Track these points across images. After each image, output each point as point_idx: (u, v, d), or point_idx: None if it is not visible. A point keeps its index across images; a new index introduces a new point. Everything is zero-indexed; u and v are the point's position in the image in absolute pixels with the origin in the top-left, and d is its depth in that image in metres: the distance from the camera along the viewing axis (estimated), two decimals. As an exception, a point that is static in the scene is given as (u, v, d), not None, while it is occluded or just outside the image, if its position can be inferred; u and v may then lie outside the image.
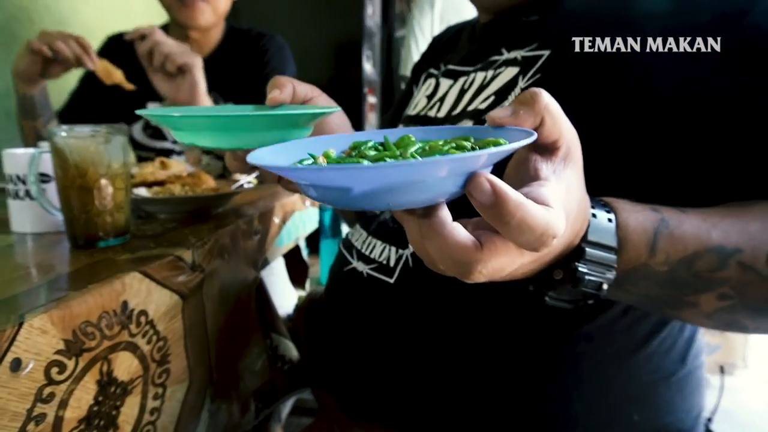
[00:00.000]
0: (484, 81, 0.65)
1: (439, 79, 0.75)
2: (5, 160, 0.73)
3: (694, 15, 0.52)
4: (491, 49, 0.68)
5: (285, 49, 1.43)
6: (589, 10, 0.59)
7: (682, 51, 0.51)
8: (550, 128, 0.35)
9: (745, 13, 0.49)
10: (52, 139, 0.64)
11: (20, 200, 0.73)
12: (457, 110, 0.67)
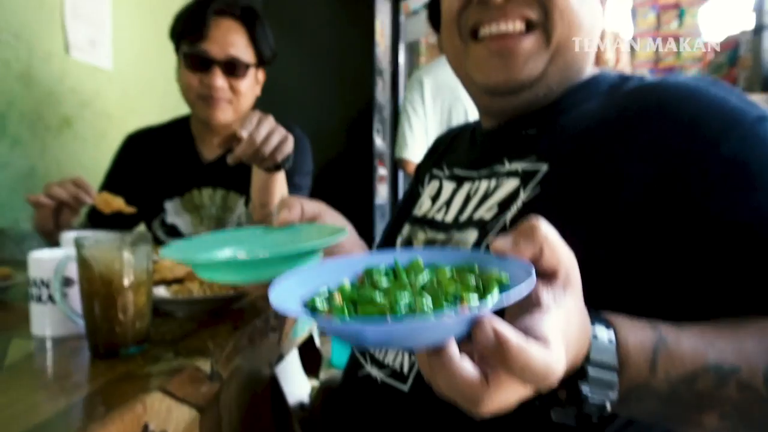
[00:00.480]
0: (488, 190, 0.67)
1: (443, 181, 0.78)
2: (31, 264, 0.74)
3: (674, 139, 0.54)
4: (494, 158, 0.70)
5: (303, 141, 1.44)
6: (583, 127, 0.62)
7: (665, 172, 0.53)
8: (549, 258, 0.38)
9: (718, 144, 0.52)
10: (79, 250, 0.65)
11: (42, 304, 0.73)
12: (464, 216, 0.69)
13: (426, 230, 0.74)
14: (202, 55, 1.27)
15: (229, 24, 1.29)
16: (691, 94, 0.56)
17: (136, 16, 2.21)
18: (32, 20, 1.67)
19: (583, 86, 0.69)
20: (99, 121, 2.00)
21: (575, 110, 0.66)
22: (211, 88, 1.27)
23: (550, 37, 0.65)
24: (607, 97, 0.65)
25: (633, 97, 0.61)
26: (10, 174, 1.61)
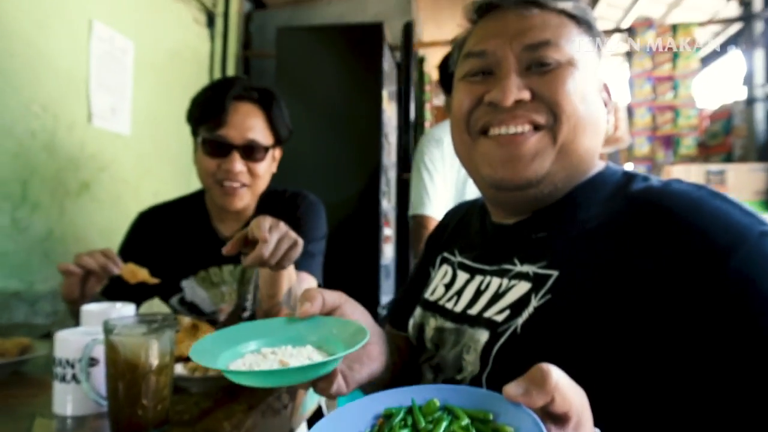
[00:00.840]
0: (499, 289, 0.69)
1: (456, 270, 0.80)
2: (57, 343, 0.77)
3: (683, 247, 0.55)
4: (505, 256, 0.72)
5: (317, 206, 1.46)
6: (592, 232, 0.64)
7: (674, 281, 0.54)
8: (560, 404, 0.41)
9: (727, 258, 0.53)
10: (107, 334, 0.68)
11: (66, 384, 0.76)
12: (474, 311, 0.70)
13: (437, 317, 0.76)
14: (220, 141, 1.28)
15: (248, 108, 1.32)
16: (696, 203, 0.58)
17: (153, 85, 2.32)
18: (59, 92, 1.76)
19: (588, 184, 0.70)
20: (115, 185, 2.07)
21: (583, 212, 0.67)
22: (230, 172, 1.28)
23: (556, 137, 0.67)
24: (613, 198, 0.66)
25: (640, 201, 0.62)
26: (29, 237, 1.66)
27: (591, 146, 0.69)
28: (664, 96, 2.79)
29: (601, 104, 0.71)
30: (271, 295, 1.17)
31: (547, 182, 0.69)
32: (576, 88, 0.67)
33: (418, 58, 3.28)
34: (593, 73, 0.71)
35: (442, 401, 0.47)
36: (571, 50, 0.68)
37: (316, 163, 2.42)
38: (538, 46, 0.68)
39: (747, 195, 2.49)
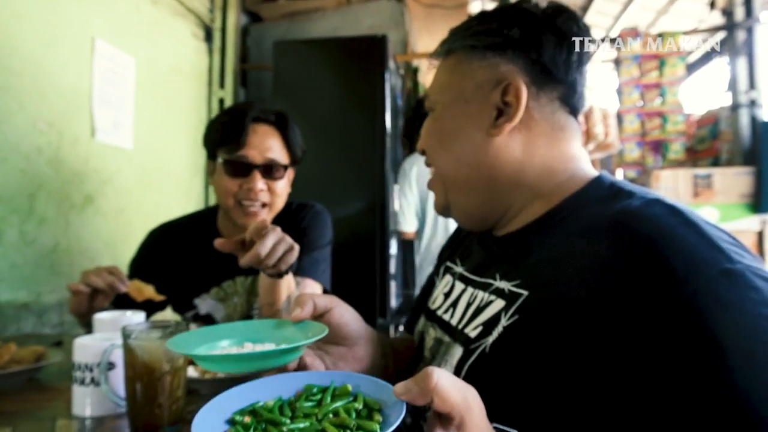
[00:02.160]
0: (480, 302, 0.71)
1: (455, 281, 0.83)
2: (76, 349, 0.82)
3: (642, 279, 0.54)
4: (490, 270, 0.75)
5: (322, 215, 1.52)
6: (562, 255, 0.63)
7: (634, 307, 0.54)
8: (439, 405, 0.46)
9: (681, 286, 0.52)
10: (125, 339, 0.73)
11: (84, 386, 0.81)
12: (460, 324, 0.74)
13: (436, 328, 0.80)
14: (242, 161, 1.33)
15: (265, 129, 1.37)
16: (666, 231, 0.57)
17: (154, 100, 2.38)
18: (64, 108, 1.82)
19: (575, 198, 0.70)
20: (119, 198, 2.12)
21: (563, 229, 0.67)
22: (252, 191, 1.32)
23: (438, 174, 0.79)
24: (593, 216, 0.65)
25: (614, 223, 0.61)
26: (36, 250, 1.70)
27: (472, 170, 0.74)
28: (652, 102, 2.86)
29: (475, 120, 0.72)
30: (270, 303, 1.21)
31: (456, 209, 0.79)
32: (433, 131, 0.78)
33: (413, 69, 3.35)
34: (476, 89, 0.72)
35: (355, 387, 0.55)
36: (436, 92, 0.77)
37: (315, 177, 2.46)
38: (424, 99, 0.81)
39: (733, 198, 2.56)
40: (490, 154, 0.72)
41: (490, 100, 0.71)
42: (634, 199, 0.64)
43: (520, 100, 0.69)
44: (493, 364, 0.64)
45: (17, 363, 1.00)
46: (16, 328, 1.62)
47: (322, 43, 2.84)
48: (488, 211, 0.76)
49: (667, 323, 0.52)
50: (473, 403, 0.47)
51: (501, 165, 0.72)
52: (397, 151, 2.99)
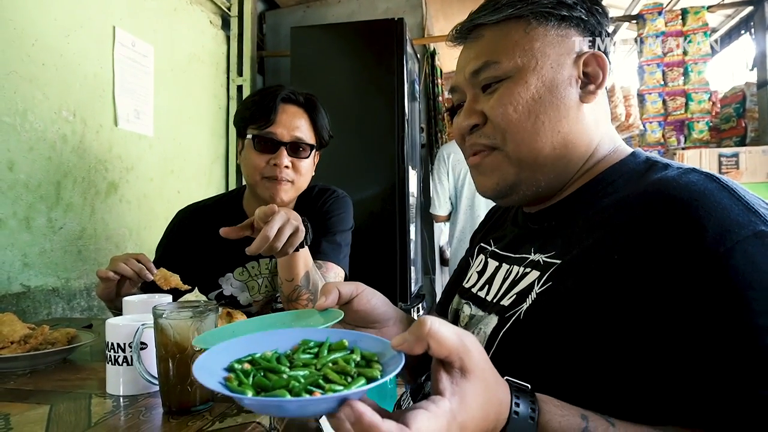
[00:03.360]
0: (516, 276, 0.73)
1: (488, 258, 0.84)
2: (108, 329, 0.84)
3: (673, 241, 0.55)
4: (525, 244, 0.76)
5: (344, 200, 1.54)
6: (597, 225, 0.64)
7: (666, 271, 0.55)
8: (436, 349, 0.45)
9: (714, 247, 0.53)
10: (156, 318, 0.75)
11: (117, 366, 0.83)
12: (496, 299, 0.75)
13: (471, 305, 0.80)
14: (270, 138, 1.37)
15: (294, 110, 1.42)
16: (701, 195, 0.57)
17: (173, 87, 2.40)
18: (87, 97, 1.84)
19: (610, 172, 0.71)
20: (141, 185, 2.15)
21: (599, 202, 0.68)
22: (278, 167, 1.37)
23: (509, 154, 0.71)
24: (629, 187, 0.66)
25: (651, 191, 0.61)
26: (64, 236, 1.74)
27: (558, 140, 0.70)
28: (675, 81, 2.80)
29: (568, 87, 0.70)
30: (289, 279, 1.25)
31: (522, 187, 0.73)
32: (521, 100, 0.69)
33: (430, 52, 3.31)
34: (558, 56, 0.70)
35: (351, 342, 0.54)
36: (515, 59, 0.70)
37: (334, 162, 2.46)
38: (479, 71, 0.73)
39: (760, 177, 2.51)
40: (580, 121, 0.71)
41: (574, 69, 0.71)
42: (671, 169, 0.65)
43: (605, 69, 0.71)
44: (527, 331, 0.65)
45: (51, 344, 1.03)
46: (47, 312, 1.66)
47: (339, 27, 2.83)
48: (555, 185, 0.74)
49: (698, 281, 0.53)
50: (471, 347, 0.47)
51: (583, 135, 0.72)
52: (415, 136, 2.98)
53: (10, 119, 1.54)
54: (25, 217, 1.60)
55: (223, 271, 1.48)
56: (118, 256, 1.24)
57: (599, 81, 0.71)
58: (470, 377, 0.46)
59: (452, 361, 0.46)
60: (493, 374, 0.49)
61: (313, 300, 1.29)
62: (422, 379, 0.82)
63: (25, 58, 1.59)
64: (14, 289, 1.55)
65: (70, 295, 1.76)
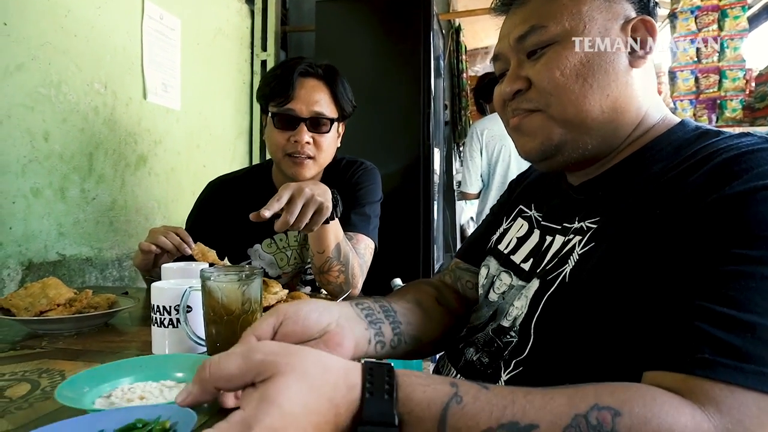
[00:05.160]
0: (560, 247, 0.72)
1: (533, 228, 0.83)
2: (153, 292, 0.85)
3: (709, 184, 0.57)
4: (570, 215, 0.75)
5: (373, 172, 1.55)
6: (644, 189, 0.65)
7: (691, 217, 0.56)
8: (227, 387, 0.46)
9: (733, 180, 0.54)
10: (204, 281, 0.76)
11: (163, 328, 0.84)
12: (536, 267, 0.75)
13: (512, 275, 0.80)
14: (289, 114, 1.37)
15: (313, 83, 1.39)
16: (747, 152, 0.57)
17: (199, 61, 2.40)
18: (117, 70, 1.85)
19: (657, 142, 0.71)
20: (169, 157, 2.17)
21: (646, 170, 0.68)
22: (298, 143, 1.36)
23: (554, 116, 0.70)
24: (677, 155, 0.66)
25: (699, 155, 0.62)
26: (96, 207, 1.77)
27: (608, 104, 0.69)
28: (709, 58, 2.72)
29: (617, 53, 0.69)
30: (320, 251, 1.27)
31: (568, 149, 0.72)
32: (568, 63, 0.68)
33: (455, 28, 3.26)
34: (606, 20, 0.70)
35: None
36: (563, 23, 0.69)
37: (358, 138, 2.45)
38: (525, 36, 0.72)
39: (795, 157, 2.44)
40: (629, 86, 0.70)
41: (622, 33, 0.70)
42: (723, 135, 0.65)
43: (654, 34, 0.70)
44: (573, 292, 0.64)
45: (93, 308, 1.05)
46: (82, 281, 1.70)
47: (365, 2, 2.79)
48: (603, 149, 0.73)
49: (714, 220, 0.54)
50: (268, 356, 0.45)
51: (632, 101, 0.71)
52: (439, 114, 2.95)
53: (45, 90, 1.56)
54: (60, 187, 1.62)
55: (251, 242, 1.49)
56: (157, 229, 1.27)
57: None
58: (276, 378, 0.43)
59: (249, 380, 0.45)
60: (321, 364, 0.46)
61: (344, 272, 1.30)
62: (461, 346, 0.82)
63: (59, 29, 1.60)
64: (51, 258, 1.59)
65: (102, 264, 1.80)
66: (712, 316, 0.49)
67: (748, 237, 0.51)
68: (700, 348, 0.48)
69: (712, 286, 0.51)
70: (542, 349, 0.67)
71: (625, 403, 0.45)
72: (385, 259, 1.59)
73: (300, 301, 0.66)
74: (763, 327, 0.48)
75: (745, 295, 0.49)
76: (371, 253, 1.45)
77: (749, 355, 0.47)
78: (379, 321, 0.72)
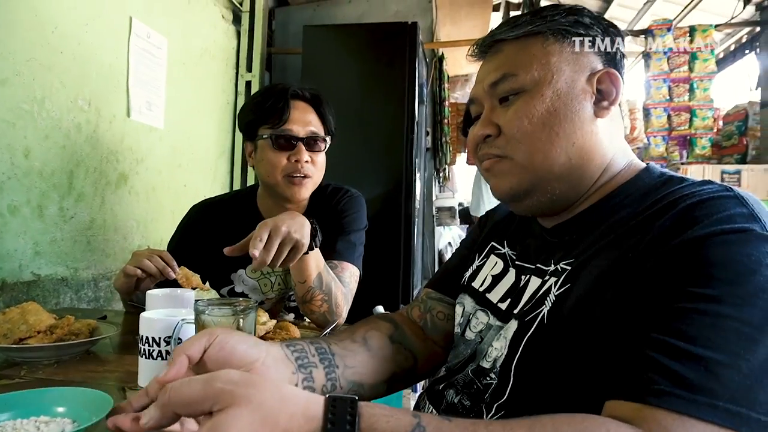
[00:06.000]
0: (537, 288, 0.74)
1: (509, 267, 0.84)
2: (142, 323, 0.84)
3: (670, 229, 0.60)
4: (546, 256, 0.77)
5: (359, 199, 1.56)
6: (613, 230, 0.68)
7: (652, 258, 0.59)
8: (186, 412, 0.47)
9: (694, 226, 0.57)
10: (198, 314, 0.75)
11: (152, 360, 0.83)
12: (513, 308, 0.76)
13: (489, 314, 0.81)
14: (288, 135, 1.39)
15: (303, 106, 1.43)
16: (707, 200, 0.60)
17: (184, 80, 2.39)
18: (102, 87, 1.83)
19: (625, 187, 0.74)
20: (150, 176, 2.14)
21: (615, 215, 0.70)
22: (299, 163, 1.38)
23: (521, 162, 0.73)
24: (644, 201, 0.69)
25: (660, 203, 0.65)
26: (74, 226, 1.73)
27: (573, 151, 0.72)
28: (680, 97, 2.84)
29: (582, 101, 0.73)
30: (301, 281, 1.27)
31: (537, 194, 0.75)
32: (536, 112, 0.72)
33: (438, 57, 3.33)
34: (573, 72, 0.73)
35: None
36: (533, 72, 0.73)
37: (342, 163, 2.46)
38: (497, 83, 0.76)
39: (761, 194, 2.55)
40: (594, 134, 0.73)
41: (588, 85, 0.73)
42: (686, 182, 0.68)
43: (618, 86, 0.73)
44: (552, 334, 0.66)
45: (74, 335, 1.02)
46: (56, 302, 1.65)
47: (353, 28, 2.84)
48: (570, 196, 0.76)
49: (674, 262, 0.56)
50: (227, 385, 0.46)
51: (597, 148, 0.73)
52: (422, 140, 2.99)
53: (28, 106, 1.53)
54: (38, 205, 1.59)
55: (235, 267, 1.48)
56: (141, 252, 1.25)
57: (612, 98, 0.74)
58: (229, 409, 0.45)
59: (207, 408, 0.46)
60: (279, 396, 0.47)
61: (327, 301, 1.30)
62: (441, 387, 0.82)
63: (45, 45, 1.58)
64: (25, 278, 1.54)
65: (78, 285, 1.75)
66: (667, 349, 0.51)
67: (705, 277, 0.54)
68: (655, 379, 0.50)
69: (669, 321, 0.53)
70: (522, 392, 0.68)
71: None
72: (366, 285, 1.59)
73: (233, 331, 0.66)
74: (715, 361, 0.50)
75: (699, 331, 0.51)
76: (356, 281, 1.45)
77: (702, 388, 0.48)
78: (310, 365, 0.72)
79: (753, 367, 0.49)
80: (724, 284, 0.53)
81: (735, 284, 0.53)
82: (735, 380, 0.48)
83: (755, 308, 0.51)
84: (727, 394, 0.48)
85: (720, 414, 0.47)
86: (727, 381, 0.49)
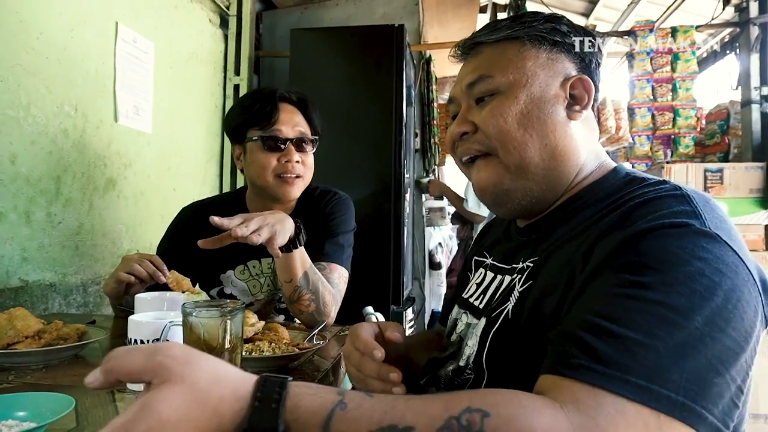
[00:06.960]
0: (506, 285, 0.78)
1: (487, 271, 0.89)
2: (131, 326, 0.85)
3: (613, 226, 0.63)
4: (516, 255, 0.81)
5: (347, 202, 1.58)
6: (575, 229, 0.71)
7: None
8: (126, 378, 0.49)
9: (635, 223, 0.61)
10: (186, 317, 0.76)
11: (141, 362, 0.84)
12: (484, 305, 0.81)
13: (468, 315, 0.85)
14: (278, 136, 1.42)
15: (291, 108, 1.47)
16: (654, 199, 0.64)
17: (172, 84, 2.39)
18: (88, 92, 1.83)
19: (592, 187, 0.76)
20: (139, 181, 2.14)
21: (580, 214, 0.73)
22: (290, 163, 1.41)
23: (503, 161, 0.76)
24: (607, 200, 0.71)
25: (616, 203, 0.68)
26: (62, 231, 1.73)
27: (547, 153, 0.75)
28: (663, 97, 2.89)
29: (555, 105, 0.76)
30: (288, 280, 1.29)
31: (518, 196, 0.78)
32: (510, 113, 0.75)
33: (425, 59, 3.36)
34: (547, 77, 0.76)
35: None
36: (508, 75, 0.76)
37: (331, 165, 2.48)
38: (474, 84, 0.79)
39: (743, 192, 2.60)
40: (567, 136, 0.76)
41: (561, 90, 0.77)
42: (645, 183, 0.71)
43: (590, 92, 0.77)
44: (515, 327, 0.69)
45: (63, 340, 1.03)
46: (44, 307, 1.65)
47: (340, 31, 2.85)
48: (548, 197, 0.78)
49: (619, 248, 0.59)
50: (167, 360, 0.48)
51: (571, 150, 0.76)
52: (410, 141, 3.01)
53: (13, 112, 1.53)
54: (25, 211, 1.58)
55: (224, 268, 1.49)
56: (131, 257, 1.26)
57: (584, 103, 0.78)
58: (163, 386, 0.46)
59: (147, 379, 0.48)
60: (213, 376, 0.49)
61: (315, 300, 1.31)
62: (423, 382, 0.86)
63: (30, 51, 1.58)
64: (12, 284, 1.54)
65: (66, 290, 1.75)
66: (592, 328, 0.54)
67: (639, 265, 0.57)
68: (575, 353, 0.53)
69: (600, 305, 0.56)
70: (497, 384, 0.70)
71: (493, 406, 0.49)
72: (356, 286, 1.60)
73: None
74: (634, 340, 0.51)
75: (625, 312, 0.54)
76: (345, 282, 1.47)
77: (617, 363, 0.50)
78: None
79: (670, 349, 0.51)
80: (656, 273, 0.55)
81: (665, 273, 0.55)
82: (650, 359, 0.50)
83: (681, 296, 0.53)
84: (641, 371, 0.50)
85: (631, 388, 0.49)
86: (642, 359, 0.50)
